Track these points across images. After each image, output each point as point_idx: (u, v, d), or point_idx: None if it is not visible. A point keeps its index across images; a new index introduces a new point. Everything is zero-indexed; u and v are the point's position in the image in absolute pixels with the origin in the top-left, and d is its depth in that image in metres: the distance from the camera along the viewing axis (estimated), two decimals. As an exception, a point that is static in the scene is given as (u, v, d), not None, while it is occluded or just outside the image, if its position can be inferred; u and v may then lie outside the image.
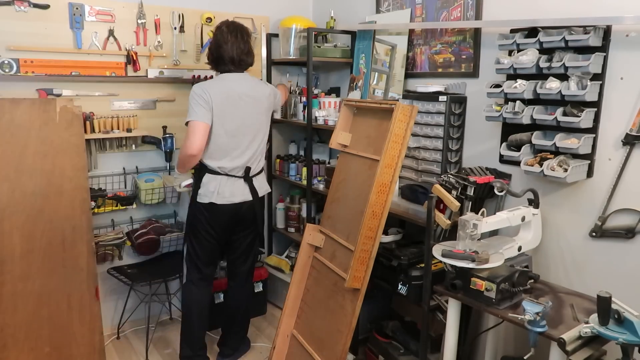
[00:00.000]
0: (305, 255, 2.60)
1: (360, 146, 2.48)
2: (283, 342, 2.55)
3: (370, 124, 2.46)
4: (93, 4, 2.79)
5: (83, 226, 2.56)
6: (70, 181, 2.52)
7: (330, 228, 2.50)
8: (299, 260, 2.59)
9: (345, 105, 2.59)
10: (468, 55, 2.47)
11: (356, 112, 2.60)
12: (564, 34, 1.90)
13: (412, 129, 2.28)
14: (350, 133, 2.57)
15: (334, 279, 2.37)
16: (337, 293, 2.34)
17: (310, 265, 2.59)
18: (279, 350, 2.55)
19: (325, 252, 2.50)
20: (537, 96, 2.01)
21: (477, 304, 1.85)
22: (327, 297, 2.40)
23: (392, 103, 2.25)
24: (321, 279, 2.48)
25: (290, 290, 2.58)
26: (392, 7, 2.89)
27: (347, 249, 2.33)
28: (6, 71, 2.58)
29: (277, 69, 3.53)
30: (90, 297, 2.61)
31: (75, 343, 2.57)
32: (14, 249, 2.39)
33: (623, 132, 1.88)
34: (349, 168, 2.52)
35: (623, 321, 1.51)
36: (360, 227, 2.17)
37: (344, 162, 2.58)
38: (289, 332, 2.56)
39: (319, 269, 2.52)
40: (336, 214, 2.51)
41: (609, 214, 1.96)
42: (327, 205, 2.61)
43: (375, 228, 2.20)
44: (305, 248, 2.59)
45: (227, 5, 3.24)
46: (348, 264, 2.28)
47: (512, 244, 2.03)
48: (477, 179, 2.17)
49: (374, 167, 2.26)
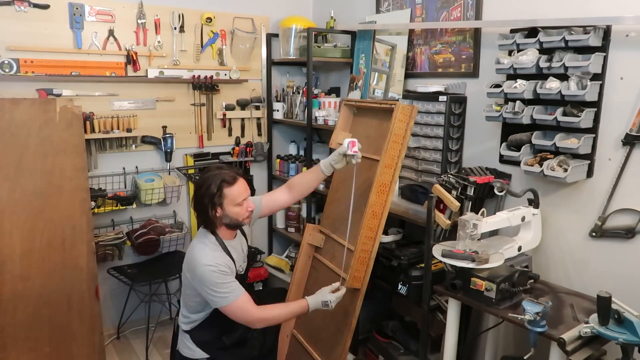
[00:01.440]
0: (306, 255, 2.59)
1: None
2: (283, 342, 2.54)
3: (370, 124, 2.46)
4: (93, 4, 2.79)
5: (83, 226, 2.56)
6: (70, 181, 2.52)
7: (330, 228, 2.50)
8: (299, 260, 2.59)
9: (345, 105, 2.59)
10: (468, 55, 2.47)
11: (356, 112, 2.59)
12: (564, 34, 1.90)
13: (412, 129, 2.28)
14: (350, 133, 2.57)
15: (335, 279, 2.37)
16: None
17: (310, 266, 2.59)
18: (279, 350, 2.55)
19: (325, 252, 2.50)
20: (537, 96, 2.01)
21: (477, 304, 1.85)
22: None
23: (392, 103, 2.25)
24: (321, 279, 2.47)
25: (291, 290, 2.58)
26: (392, 7, 2.89)
27: (347, 248, 2.33)
28: (6, 71, 2.58)
29: (277, 69, 3.53)
30: (90, 297, 2.61)
31: (75, 343, 2.57)
32: (14, 249, 2.38)
33: (623, 132, 1.88)
34: (348, 167, 2.51)
35: (623, 321, 1.51)
36: (360, 227, 2.17)
37: (344, 162, 2.58)
38: (289, 332, 2.56)
39: (319, 269, 2.52)
40: (336, 213, 2.51)
41: (609, 214, 1.95)
42: (327, 205, 2.61)
43: (375, 228, 2.20)
44: (305, 248, 2.59)
45: (227, 5, 3.24)
46: (348, 264, 2.28)
47: (512, 244, 2.03)
48: (477, 179, 2.17)
49: (374, 167, 2.26)
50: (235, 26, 3.25)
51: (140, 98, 3.01)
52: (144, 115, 3.03)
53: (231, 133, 3.38)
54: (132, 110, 2.99)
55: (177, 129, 3.13)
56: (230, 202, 1.95)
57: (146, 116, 3.04)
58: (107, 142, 2.92)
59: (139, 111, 3.01)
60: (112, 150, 2.96)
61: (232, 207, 1.96)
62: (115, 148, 2.96)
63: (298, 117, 3.31)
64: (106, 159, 2.97)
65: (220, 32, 3.21)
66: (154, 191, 2.98)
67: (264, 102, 3.46)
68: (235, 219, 1.98)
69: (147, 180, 3.03)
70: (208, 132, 3.28)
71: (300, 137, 3.66)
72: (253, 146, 3.41)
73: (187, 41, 3.11)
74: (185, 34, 3.10)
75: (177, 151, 3.17)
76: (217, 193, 1.94)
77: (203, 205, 1.95)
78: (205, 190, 1.95)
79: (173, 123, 3.12)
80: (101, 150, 2.92)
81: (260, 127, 3.50)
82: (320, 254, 2.53)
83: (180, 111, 3.15)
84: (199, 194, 1.97)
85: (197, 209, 2.01)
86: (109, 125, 2.88)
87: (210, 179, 1.97)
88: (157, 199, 3.02)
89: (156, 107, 3.07)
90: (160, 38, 3.01)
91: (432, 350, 2.40)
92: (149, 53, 2.98)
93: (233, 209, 1.97)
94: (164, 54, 3.04)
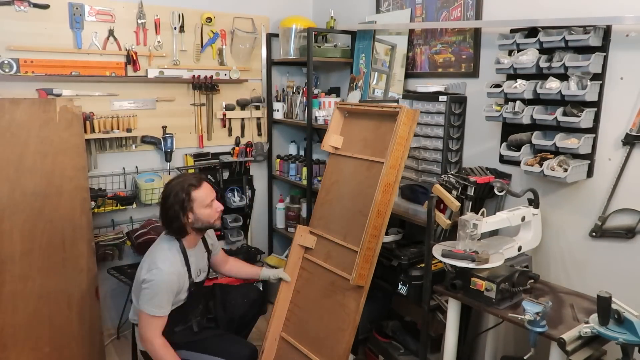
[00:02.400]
0: (296, 256, 2.59)
1: (355, 148, 2.49)
2: (271, 345, 2.53)
3: (366, 127, 2.47)
4: (93, 4, 2.79)
5: (83, 226, 2.56)
6: (70, 181, 2.52)
7: (323, 229, 2.51)
8: (288, 262, 2.58)
9: (338, 108, 2.59)
10: (468, 55, 2.46)
11: (347, 115, 2.60)
12: (564, 34, 1.90)
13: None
14: (342, 136, 2.57)
15: (331, 279, 2.37)
16: (335, 292, 2.34)
17: (300, 267, 2.57)
18: (267, 353, 2.52)
19: (318, 253, 2.50)
20: (537, 96, 2.01)
21: (477, 304, 1.85)
22: (323, 297, 2.40)
23: (396, 107, 2.26)
24: (314, 280, 2.47)
25: (280, 291, 2.56)
26: (392, 7, 2.89)
27: (345, 248, 2.34)
28: (6, 71, 2.58)
29: (277, 69, 3.53)
30: (90, 297, 2.61)
31: (75, 343, 2.57)
32: (14, 248, 2.38)
33: (623, 132, 1.88)
34: (342, 170, 2.52)
35: (623, 321, 1.51)
36: (367, 226, 2.18)
37: (335, 164, 2.58)
38: (277, 335, 2.54)
39: (311, 270, 2.51)
40: (330, 214, 2.51)
41: (609, 214, 1.95)
42: (317, 207, 2.61)
43: (379, 227, 2.22)
44: (295, 249, 2.59)
45: (227, 5, 3.24)
46: (346, 262, 2.28)
47: (512, 244, 2.03)
48: (477, 179, 2.17)
49: (373, 168, 2.28)
50: (235, 26, 3.25)
51: (140, 98, 3.01)
52: (143, 115, 3.03)
53: (231, 133, 3.38)
54: (132, 110, 2.99)
55: (177, 129, 3.13)
56: (199, 205, 2.03)
57: (146, 116, 3.04)
58: (107, 142, 2.92)
59: (139, 111, 3.01)
60: (112, 150, 2.95)
61: (202, 209, 2.05)
62: (115, 148, 2.96)
63: (298, 117, 3.31)
64: (106, 159, 2.96)
65: (220, 32, 3.21)
66: (154, 191, 2.98)
67: (264, 102, 3.46)
68: (207, 220, 2.07)
69: (147, 180, 3.03)
70: (208, 132, 3.28)
71: (300, 137, 3.66)
72: (253, 146, 3.41)
73: (187, 41, 3.11)
74: (185, 34, 3.10)
75: (177, 151, 3.17)
76: (186, 197, 2.01)
77: (174, 213, 2.01)
78: (174, 197, 2.01)
79: (173, 123, 3.12)
80: (101, 150, 2.92)
81: (260, 127, 3.50)
82: (311, 255, 2.53)
83: (180, 111, 3.15)
84: (167, 204, 2.02)
85: (167, 219, 2.05)
86: (109, 125, 2.88)
87: (176, 186, 2.03)
88: (157, 199, 3.01)
89: (156, 107, 3.07)
90: (160, 38, 3.01)
91: (432, 350, 2.40)
92: (149, 53, 2.98)
93: (204, 211, 2.05)
94: (164, 54, 3.03)
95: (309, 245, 2.54)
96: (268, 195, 3.65)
